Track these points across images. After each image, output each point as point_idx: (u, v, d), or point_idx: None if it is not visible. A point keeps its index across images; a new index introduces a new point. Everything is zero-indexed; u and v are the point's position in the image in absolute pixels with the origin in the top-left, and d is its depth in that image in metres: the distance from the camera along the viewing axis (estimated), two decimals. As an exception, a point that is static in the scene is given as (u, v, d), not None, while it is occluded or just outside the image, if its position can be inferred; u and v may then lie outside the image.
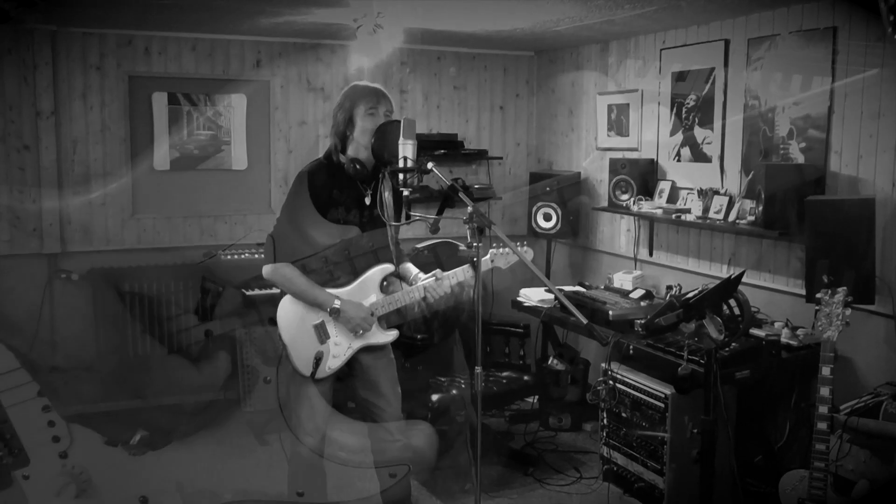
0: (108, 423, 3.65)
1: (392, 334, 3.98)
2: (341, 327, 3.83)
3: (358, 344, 3.87)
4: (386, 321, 3.98)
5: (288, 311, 3.85)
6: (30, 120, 6.00)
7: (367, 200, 3.88)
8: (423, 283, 3.91)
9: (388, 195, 3.92)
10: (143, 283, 6.25)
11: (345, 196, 3.82)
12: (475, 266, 3.39)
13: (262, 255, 3.94)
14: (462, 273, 3.92)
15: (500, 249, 3.96)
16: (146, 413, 5.47)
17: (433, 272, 3.99)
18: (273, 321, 3.89)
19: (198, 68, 6.48)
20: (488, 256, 3.94)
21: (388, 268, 3.94)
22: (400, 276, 4.04)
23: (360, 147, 3.80)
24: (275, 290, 4.06)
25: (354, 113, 3.79)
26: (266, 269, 3.81)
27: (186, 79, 6.47)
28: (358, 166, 3.80)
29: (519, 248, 3.76)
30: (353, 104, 3.81)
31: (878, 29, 4.41)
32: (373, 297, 3.89)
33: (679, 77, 5.83)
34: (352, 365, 3.92)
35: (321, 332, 3.82)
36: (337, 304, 3.76)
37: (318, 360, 3.78)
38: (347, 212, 3.82)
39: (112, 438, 3.59)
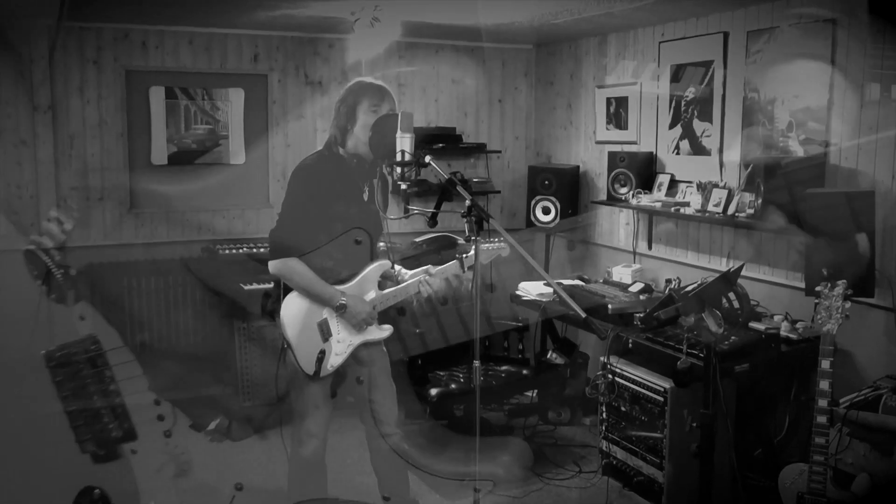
0: (195, 405, 3.76)
1: (387, 330, 3.97)
2: (343, 324, 3.82)
3: (358, 340, 3.86)
4: (382, 318, 3.99)
5: (292, 309, 3.82)
6: (27, 115, 5.98)
7: (365, 196, 3.87)
8: (418, 278, 3.90)
9: (380, 191, 3.93)
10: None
11: (345, 190, 3.80)
12: (469, 241, 3.39)
13: (261, 250, 3.92)
14: (454, 268, 3.91)
15: (485, 245, 3.95)
16: (227, 401, 5.47)
17: (425, 267, 3.99)
18: (269, 315, 3.87)
19: (195, 62, 6.46)
20: (465, 256, 3.93)
21: (385, 264, 3.93)
22: (383, 275, 4.02)
23: (359, 142, 3.79)
24: (270, 285, 4.04)
25: (357, 108, 3.78)
26: (274, 264, 3.77)
27: (184, 73, 6.46)
28: (356, 161, 3.79)
29: (499, 245, 3.78)
30: (357, 100, 3.79)
31: (878, 20, 4.40)
32: (372, 294, 3.88)
33: (678, 70, 5.82)
34: (348, 361, 3.91)
35: (324, 330, 3.80)
36: (343, 299, 3.75)
37: (320, 358, 3.76)
38: (347, 206, 3.80)
39: (197, 423, 3.67)
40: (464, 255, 3.92)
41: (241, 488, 3.74)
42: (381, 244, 4.06)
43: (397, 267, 4.06)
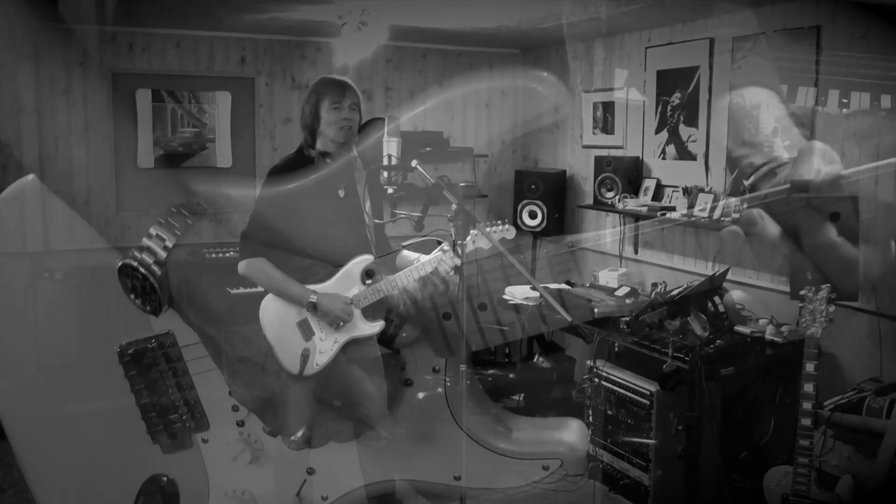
0: (281, 415, 3.83)
1: (377, 325, 3.95)
2: (324, 322, 3.82)
3: (344, 337, 3.85)
4: (372, 313, 3.95)
5: (270, 310, 3.83)
6: (11, 117, 5.96)
7: (341, 193, 3.86)
8: (403, 271, 3.87)
9: (365, 190, 3.92)
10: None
11: (316, 189, 3.80)
12: (455, 245, 3.39)
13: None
14: (440, 255, 3.85)
15: (489, 229, 3.88)
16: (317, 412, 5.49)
17: (417, 256, 3.97)
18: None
19: (182, 65, 6.45)
20: (469, 238, 3.85)
21: (366, 258, 3.90)
22: (398, 267, 3.98)
23: (327, 140, 3.81)
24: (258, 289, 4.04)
25: (320, 107, 3.80)
26: (241, 266, 3.80)
27: (170, 76, 6.44)
28: (327, 160, 3.80)
29: (502, 227, 3.77)
30: (319, 98, 3.81)
31: (862, 27, 4.43)
32: (355, 289, 3.86)
33: (664, 75, 5.84)
34: (337, 361, 3.91)
35: (305, 329, 3.81)
36: (313, 298, 3.74)
37: (305, 357, 3.76)
38: (320, 205, 3.80)
39: (273, 429, 3.71)
40: (458, 242, 3.84)
41: (313, 472, 3.78)
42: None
43: (413, 256, 4.00)
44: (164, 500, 3.55)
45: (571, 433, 3.99)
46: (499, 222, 3.83)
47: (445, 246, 3.79)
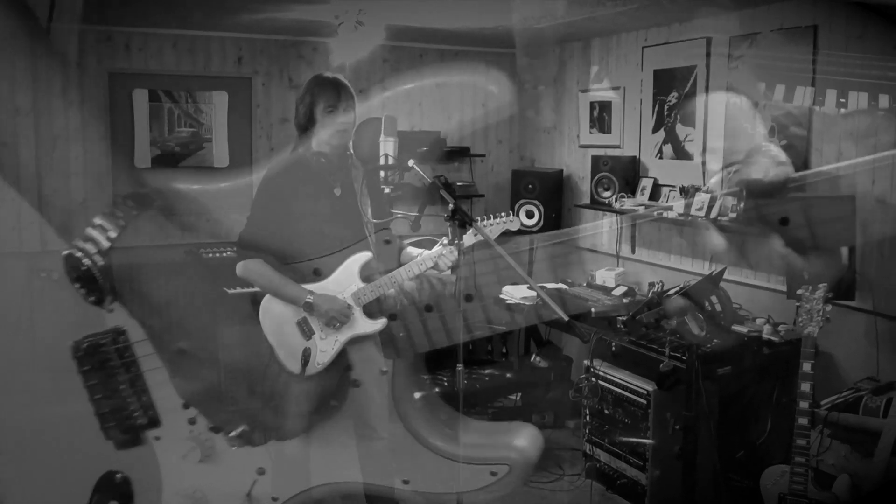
0: (221, 410, 3.79)
1: (379, 323, 3.93)
2: (322, 322, 3.81)
3: (345, 336, 3.83)
4: (371, 310, 3.94)
5: (269, 311, 3.83)
6: (8, 117, 5.94)
7: (338, 192, 3.86)
8: (402, 267, 3.86)
9: (363, 188, 3.91)
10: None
11: (312, 189, 3.80)
12: (452, 243, 3.39)
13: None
14: (441, 249, 3.84)
15: (485, 222, 3.86)
16: (254, 407, 5.48)
17: (420, 252, 3.96)
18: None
19: (179, 65, 6.44)
20: (470, 231, 3.84)
21: (365, 255, 3.89)
22: (402, 263, 3.97)
23: (322, 142, 3.80)
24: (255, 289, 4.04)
25: (314, 110, 3.78)
26: (238, 267, 3.80)
27: (167, 76, 6.43)
28: (322, 160, 3.79)
29: (505, 219, 3.76)
30: (313, 101, 3.79)
31: (859, 27, 4.44)
32: (353, 287, 3.85)
33: (661, 75, 5.85)
34: (338, 361, 3.90)
35: (305, 329, 3.80)
36: (309, 298, 3.73)
37: (306, 356, 3.76)
38: (315, 205, 3.80)
39: (217, 425, 3.69)
40: (456, 242, 3.80)
41: (264, 472, 3.76)
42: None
43: (416, 251, 4.00)
44: (119, 497, 3.53)
45: (523, 439, 3.96)
46: (502, 214, 3.82)
47: (445, 240, 3.78)
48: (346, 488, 3.99)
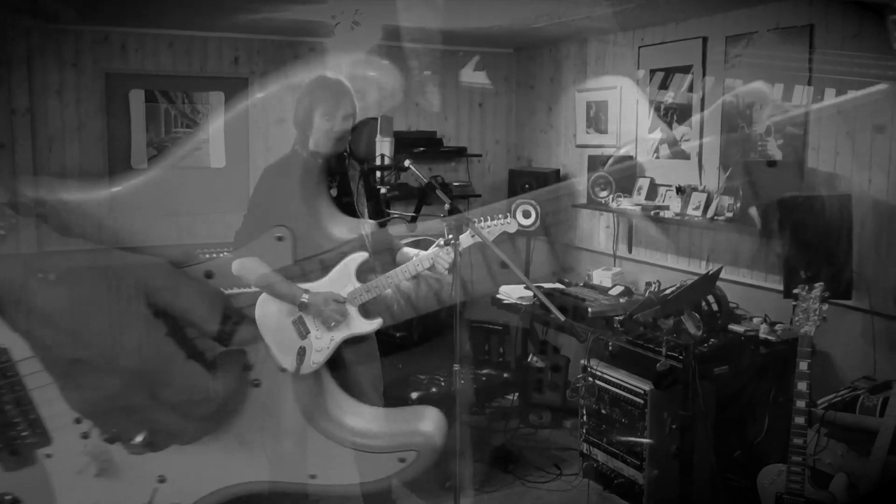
0: (119, 419, 3.70)
1: (375, 322, 3.91)
2: (317, 321, 3.81)
3: (340, 336, 3.82)
4: (367, 310, 3.93)
5: (265, 309, 3.82)
6: (4, 118, 5.94)
7: (334, 192, 3.86)
8: (399, 268, 3.85)
9: (360, 188, 3.91)
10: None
11: (308, 189, 3.79)
12: (449, 243, 3.38)
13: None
14: (437, 252, 3.83)
15: (481, 223, 3.85)
16: (155, 412, 5.43)
17: (416, 252, 3.95)
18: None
19: (175, 65, 6.44)
20: (468, 232, 3.82)
21: (361, 255, 3.88)
22: (398, 263, 3.96)
23: (319, 143, 3.80)
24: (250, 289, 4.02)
25: (313, 114, 3.77)
26: (234, 265, 3.79)
27: (164, 76, 6.43)
28: (319, 160, 3.80)
29: (503, 220, 3.75)
30: (312, 105, 3.78)
31: (855, 26, 4.44)
32: (350, 287, 3.84)
33: (657, 74, 5.85)
34: (334, 361, 3.89)
35: (300, 327, 3.80)
36: (305, 297, 3.72)
37: (301, 355, 3.75)
38: (311, 204, 3.80)
39: (112, 436, 3.61)
40: (453, 242, 3.80)
41: (164, 480, 3.67)
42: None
43: (413, 252, 3.99)
44: (8, 520, 3.46)
45: (427, 423, 3.93)
46: (500, 215, 3.81)
47: (441, 241, 3.78)
48: (252, 488, 3.94)
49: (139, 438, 3.54)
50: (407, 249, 4.04)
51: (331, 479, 3.89)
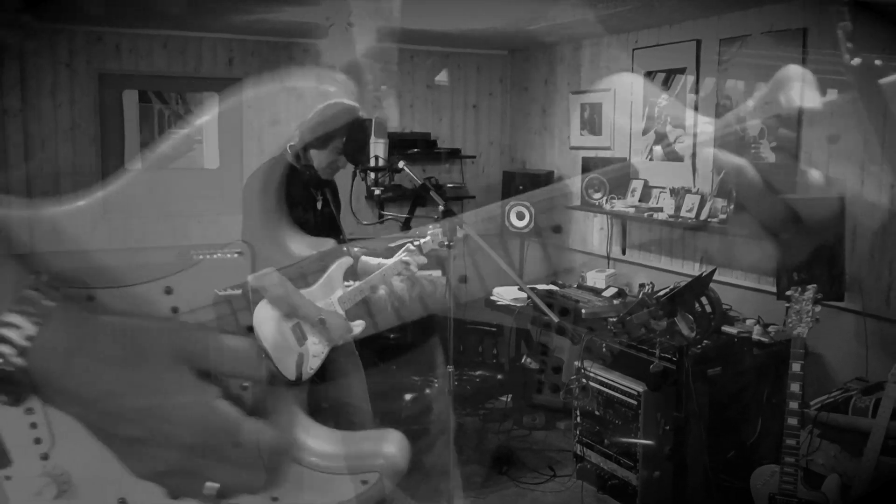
0: (188, 481, 3.65)
1: (359, 325, 3.91)
2: (324, 337, 3.80)
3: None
4: (353, 314, 3.94)
5: (265, 317, 3.80)
6: (-2, 118, 5.94)
7: (319, 205, 3.88)
8: (377, 272, 3.86)
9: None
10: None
11: (301, 197, 3.81)
12: (442, 245, 3.39)
13: (235, 256, 3.88)
14: (405, 255, 3.85)
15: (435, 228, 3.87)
16: (225, 472, 5.39)
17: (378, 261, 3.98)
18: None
19: (169, 66, 6.43)
20: (428, 238, 3.84)
21: (347, 261, 3.88)
22: (360, 273, 3.99)
23: (314, 159, 3.82)
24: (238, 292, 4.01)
25: (330, 143, 3.79)
26: (252, 278, 3.76)
27: (158, 77, 6.42)
28: (309, 172, 3.81)
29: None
30: (333, 134, 3.80)
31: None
32: (339, 292, 3.84)
33: (651, 77, 5.86)
34: (327, 364, 3.89)
35: (299, 334, 3.79)
36: (323, 315, 3.71)
37: (300, 363, 3.74)
38: (304, 213, 3.81)
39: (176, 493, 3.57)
40: (421, 240, 3.83)
41: (125, 502, 3.64)
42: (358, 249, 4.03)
43: (375, 261, 4.01)
44: (-33, 547, 3.41)
45: (390, 445, 3.93)
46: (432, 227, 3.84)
47: (412, 245, 3.80)
48: None
49: (211, 490, 3.51)
50: (365, 258, 4.06)
51: (293, 500, 3.87)
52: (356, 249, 4.08)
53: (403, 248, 3.84)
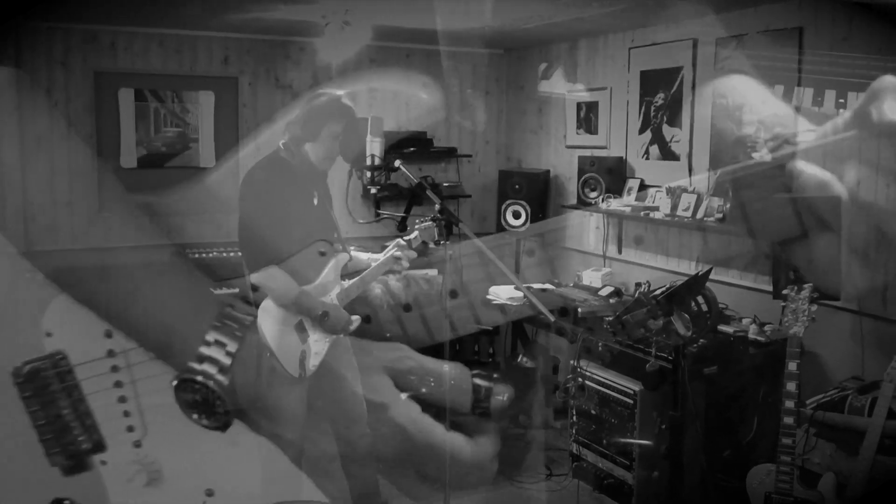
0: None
1: (355, 321, 3.93)
2: (326, 331, 3.81)
3: (332, 336, 3.84)
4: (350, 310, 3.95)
5: (270, 315, 3.80)
6: (-7, 116, 5.91)
7: (315, 201, 3.88)
8: (370, 269, 3.88)
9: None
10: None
11: (298, 194, 3.81)
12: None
13: (230, 254, 3.89)
14: (394, 252, 3.86)
15: (425, 223, 3.87)
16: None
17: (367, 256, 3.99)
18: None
19: (165, 65, 6.42)
20: (416, 233, 3.85)
21: (345, 257, 3.90)
22: (351, 268, 4.00)
23: (309, 154, 3.83)
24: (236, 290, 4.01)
25: (321, 130, 3.81)
26: (255, 276, 3.75)
27: (153, 75, 6.41)
28: (306, 168, 3.82)
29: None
30: (323, 122, 3.82)
31: (844, 29, 4.46)
32: (337, 288, 3.86)
33: (648, 76, 5.86)
34: (326, 361, 3.89)
35: (301, 331, 3.80)
36: (326, 309, 3.72)
37: (302, 359, 3.75)
38: (302, 210, 3.81)
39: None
40: (410, 236, 3.84)
41: (213, 494, 3.67)
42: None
43: (365, 256, 4.03)
44: (68, 524, 3.44)
45: (476, 451, 3.92)
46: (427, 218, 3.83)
47: (402, 241, 3.81)
48: None
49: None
50: (356, 253, 4.06)
51: (231, 496, 3.85)
52: (351, 247, 4.09)
53: (394, 244, 3.86)
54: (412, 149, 6.99)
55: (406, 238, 3.86)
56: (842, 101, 4.47)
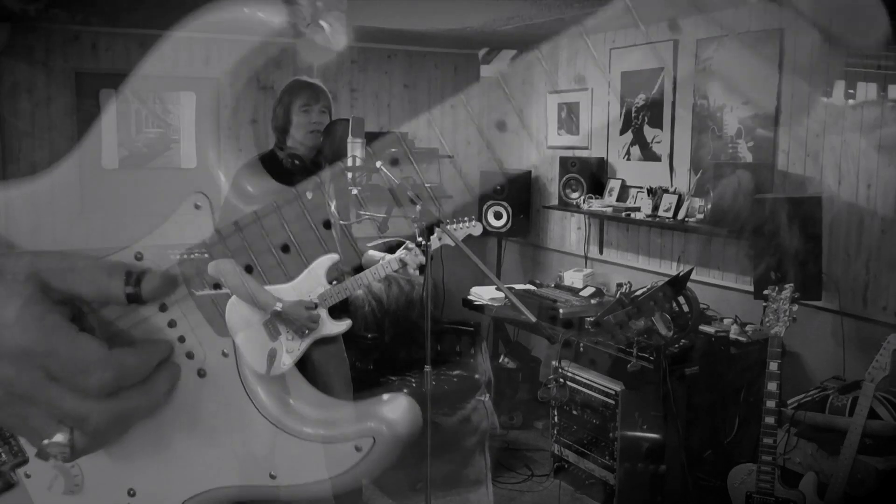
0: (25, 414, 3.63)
1: (344, 324, 3.92)
2: (290, 329, 3.79)
3: (310, 337, 3.82)
4: (339, 312, 3.93)
5: (236, 310, 3.80)
6: (-27, 117, 5.88)
7: (309, 195, 3.86)
8: (368, 270, 3.87)
9: (329, 190, 3.91)
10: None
11: (282, 189, 3.80)
12: (419, 245, 3.39)
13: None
14: (405, 254, 3.87)
15: (451, 226, 3.88)
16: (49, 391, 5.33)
17: (382, 255, 3.97)
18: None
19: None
20: (435, 235, 3.85)
21: (332, 257, 3.87)
22: (364, 267, 3.98)
23: (296, 142, 3.83)
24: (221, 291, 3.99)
25: (291, 109, 3.84)
26: (210, 266, 3.75)
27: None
28: (296, 161, 3.80)
29: (468, 224, 3.77)
30: (291, 100, 3.86)
31: (823, 30, 4.48)
32: (320, 289, 3.84)
33: (629, 76, 5.87)
34: (304, 364, 3.88)
35: (271, 329, 3.78)
36: (279, 306, 3.70)
37: (271, 357, 3.73)
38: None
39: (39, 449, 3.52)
40: (423, 243, 3.83)
41: (134, 494, 3.61)
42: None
43: (379, 255, 4.00)
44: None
45: (391, 409, 3.92)
46: (465, 219, 3.84)
47: (410, 244, 3.80)
48: (221, 494, 3.87)
49: (59, 438, 3.45)
50: (372, 252, 4.04)
51: (292, 478, 3.84)
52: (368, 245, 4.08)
53: (402, 247, 3.86)
54: (393, 150, 6.96)
55: (399, 254, 3.86)
56: (824, 99, 4.50)
